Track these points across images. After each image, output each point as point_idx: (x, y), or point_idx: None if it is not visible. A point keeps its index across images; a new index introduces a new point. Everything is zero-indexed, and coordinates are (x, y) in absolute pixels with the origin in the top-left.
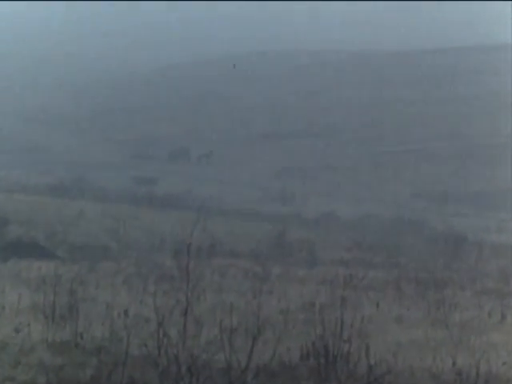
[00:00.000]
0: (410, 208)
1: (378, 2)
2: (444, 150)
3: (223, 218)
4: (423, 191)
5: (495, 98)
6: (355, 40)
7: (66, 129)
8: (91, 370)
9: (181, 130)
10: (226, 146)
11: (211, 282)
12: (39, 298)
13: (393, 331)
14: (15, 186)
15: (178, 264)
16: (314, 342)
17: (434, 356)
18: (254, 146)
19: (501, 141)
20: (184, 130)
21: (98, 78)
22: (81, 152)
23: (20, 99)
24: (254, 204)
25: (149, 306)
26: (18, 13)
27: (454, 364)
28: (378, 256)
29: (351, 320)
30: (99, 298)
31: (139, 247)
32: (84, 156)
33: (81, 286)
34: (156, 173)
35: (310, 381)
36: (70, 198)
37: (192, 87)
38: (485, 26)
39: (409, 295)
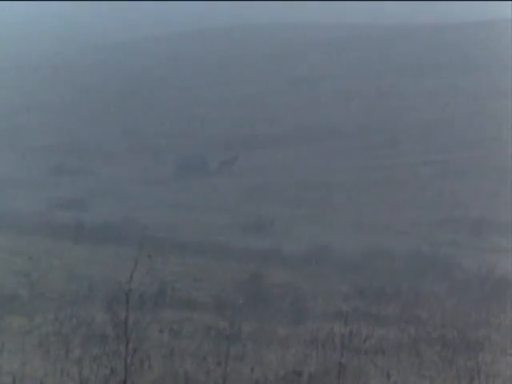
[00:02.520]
0: (433, 240)
1: None
2: (475, 162)
3: (176, 255)
4: (449, 218)
5: None
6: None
7: None
8: None
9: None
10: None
11: (159, 343)
12: None
13: None
14: None
15: (112, 319)
16: None
17: None
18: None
19: None
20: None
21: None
22: None
23: None
24: (218, 235)
25: (73, 377)
26: None
27: None
28: (388, 307)
29: None
30: (4, 367)
31: (60, 296)
32: None
33: None
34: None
35: None
36: None
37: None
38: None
39: (431, 361)
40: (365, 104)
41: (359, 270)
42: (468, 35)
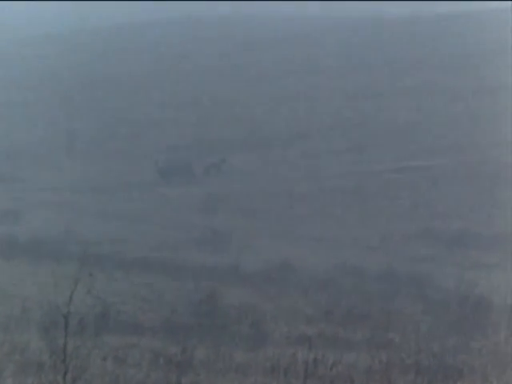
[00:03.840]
0: (407, 256)
1: None
2: (454, 169)
3: (121, 273)
4: (425, 231)
5: None
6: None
7: None
8: None
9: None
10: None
11: (102, 372)
12: None
13: None
14: None
15: (49, 345)
16: None
17: None
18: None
19: None
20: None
21: None
22: None
23: None
24: (169, 251)
25: None
26: None
27: None
28: (357, 330)
29: None
30: None
31: None
32: None
33: None
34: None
35: None
36: None
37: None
38: None
39: None
40: (332, 104)
41: (325, 289)
42: (448, 27)
